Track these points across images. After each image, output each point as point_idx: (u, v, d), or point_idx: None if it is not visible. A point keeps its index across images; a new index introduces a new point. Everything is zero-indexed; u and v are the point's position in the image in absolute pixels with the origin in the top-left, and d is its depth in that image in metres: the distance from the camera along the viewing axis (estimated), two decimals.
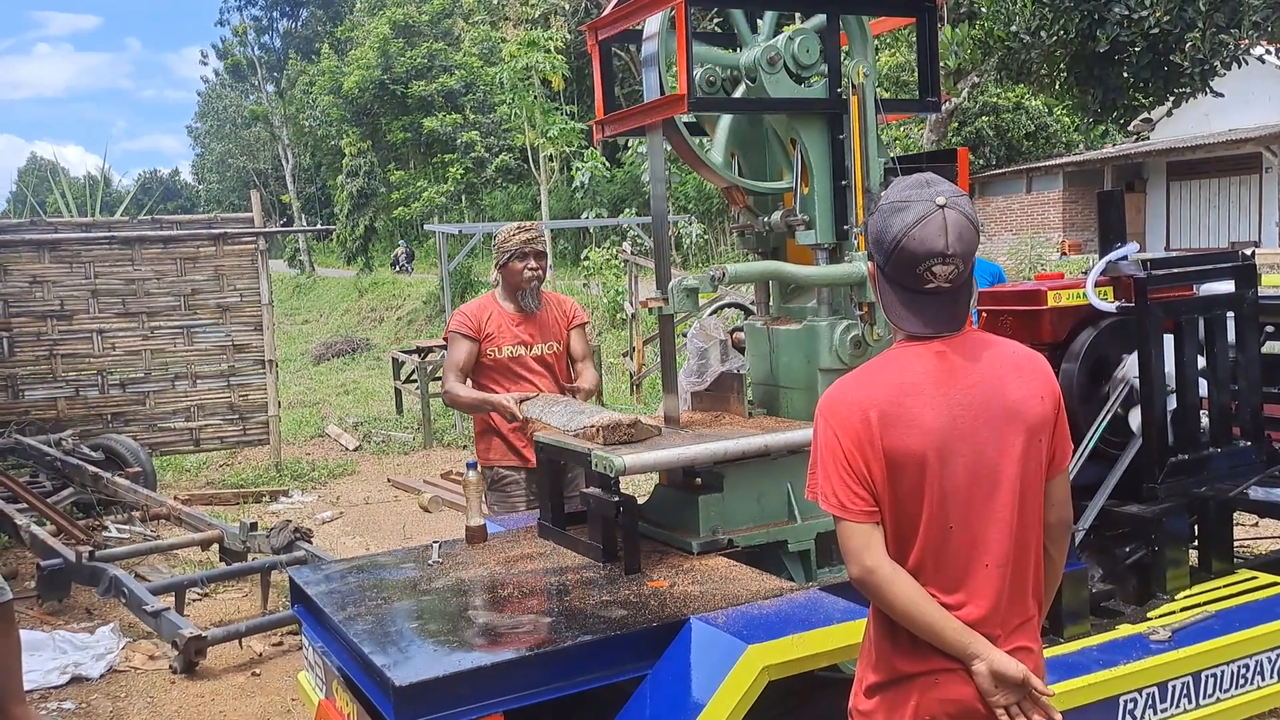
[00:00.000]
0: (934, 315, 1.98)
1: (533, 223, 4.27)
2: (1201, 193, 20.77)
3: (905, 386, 1.96)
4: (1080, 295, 3.59)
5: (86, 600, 5.88)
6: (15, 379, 8.98)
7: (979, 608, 1.97)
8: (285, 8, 45.57)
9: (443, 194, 28.05)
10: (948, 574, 1.97)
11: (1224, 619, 3.24)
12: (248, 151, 49.05)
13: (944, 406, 1.95)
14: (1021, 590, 2.02)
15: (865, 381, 2.01)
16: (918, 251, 1.93)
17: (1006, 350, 2.04)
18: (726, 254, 19.96)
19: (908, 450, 1.94)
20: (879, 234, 1.99)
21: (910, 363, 1.99)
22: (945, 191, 1.97)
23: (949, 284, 1.96)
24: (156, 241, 9.37)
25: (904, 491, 1.96)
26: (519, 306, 4.20)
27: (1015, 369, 2.01)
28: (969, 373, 1.97)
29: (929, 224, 1.92)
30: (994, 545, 1.97)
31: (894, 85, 19.25)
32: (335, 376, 18.80)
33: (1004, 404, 1.97)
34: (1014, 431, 1.97)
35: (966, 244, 1.95)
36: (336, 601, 2.86)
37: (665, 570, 2.92)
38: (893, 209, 1.97)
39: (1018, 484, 1.97)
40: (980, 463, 1.95)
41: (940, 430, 1.94)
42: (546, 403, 3.65)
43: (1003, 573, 1.97)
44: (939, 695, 1.98)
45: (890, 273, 1.99)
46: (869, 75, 3.22)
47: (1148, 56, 11.67)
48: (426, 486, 8.84)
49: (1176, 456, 3.51)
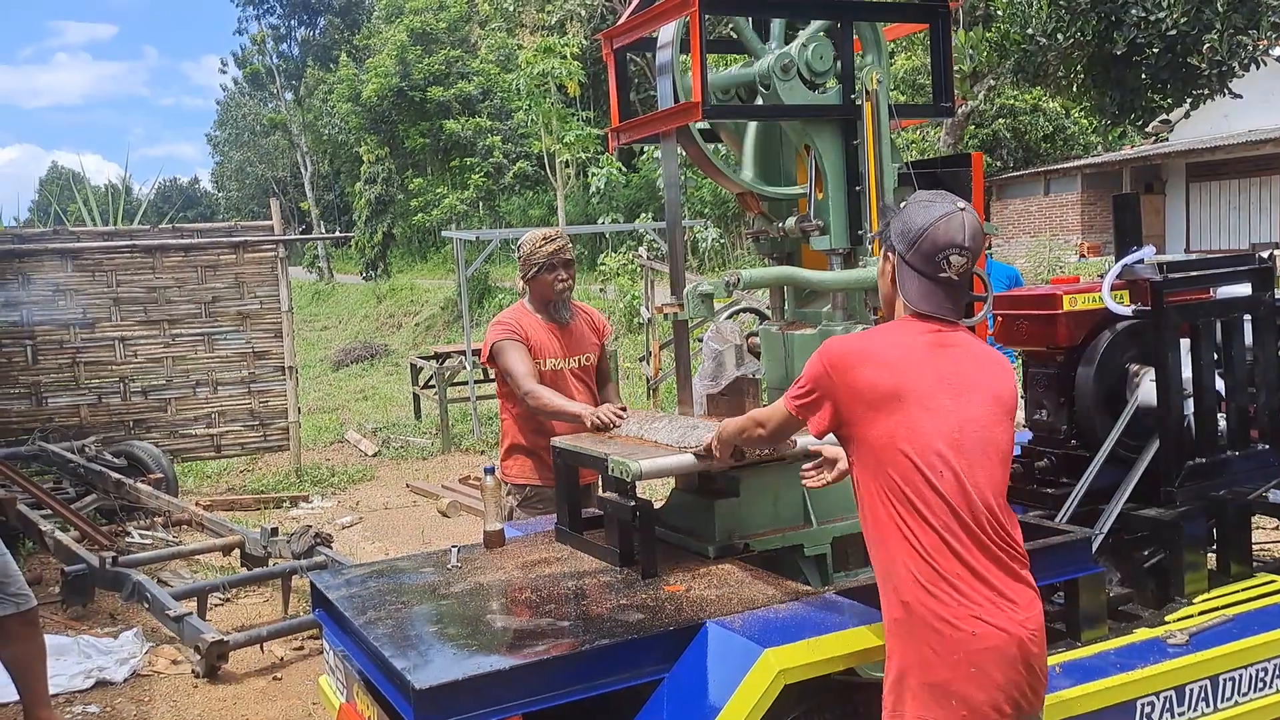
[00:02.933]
0: (942, 301, 2.32)
1: (557, 230, 4.08)
2: (1221, 194, 20.62)
3: (898, 344, 2.30)
4: (1096, 299, 3.59)
5: (110, 605, 5.93)
6: (39, 386, 9.08)
7: (964, 558, 2.19)
8: (303, 16, 45.79)
9: (463, 200, 28.13)
10: (938, 522, 2.20)
11: (1242, 623, 3.23)
12: (266, 159, 49.34)
13: (931, 368, 2.26)
14: (1007, 541, 2.25)
15: (862, 335, 2.41)
16: (940, 240, 2.27)
17: (984, 347, 2.40)
18: (742, 259, 19.95)
19: (879, 385, 2.24)
20: (905, 227, 2.32)
21: (906, 331, 2.33)
22: (961, 200, 2.33)
23: (959, 276, 2.29)
24: (177, 249, 9.46)
25: (881, 431, 2.23)
26: (551, 317, 4.07)
27: (993, 360, 2.36)
28: (956, 351, 2.31)
29: (952, 220, 2.28)
30: (991, 501, 2.23)
31: (910, 88, 19.20)
32: (354, 382, 18.89)
33: (985, 381, 2.30)
34: (998, 408, 2.29)
35: (976, 243, 2.31)
36: (357, 606, 2.89)
37: (682, 574, 2.94)
38: (920, 207, 2.33)
39: (1004, 452, 2.29)
40: (973, 427, 2.24)
41: (924, 382, 2.24)
42: (642, 420, 3.41)
43: (984, 524, 2.22)
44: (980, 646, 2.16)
45: (912, 259, 2.31)
46: (883, 81, 3.24)
47: (1165, 58, 11.60)
48: (445, 491, 8.88)
49: (1194, 460, 3.50)
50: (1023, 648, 2.17)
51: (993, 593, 2.18)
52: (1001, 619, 2.17)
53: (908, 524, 2.21)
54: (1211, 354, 3.53)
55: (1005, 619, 2.17)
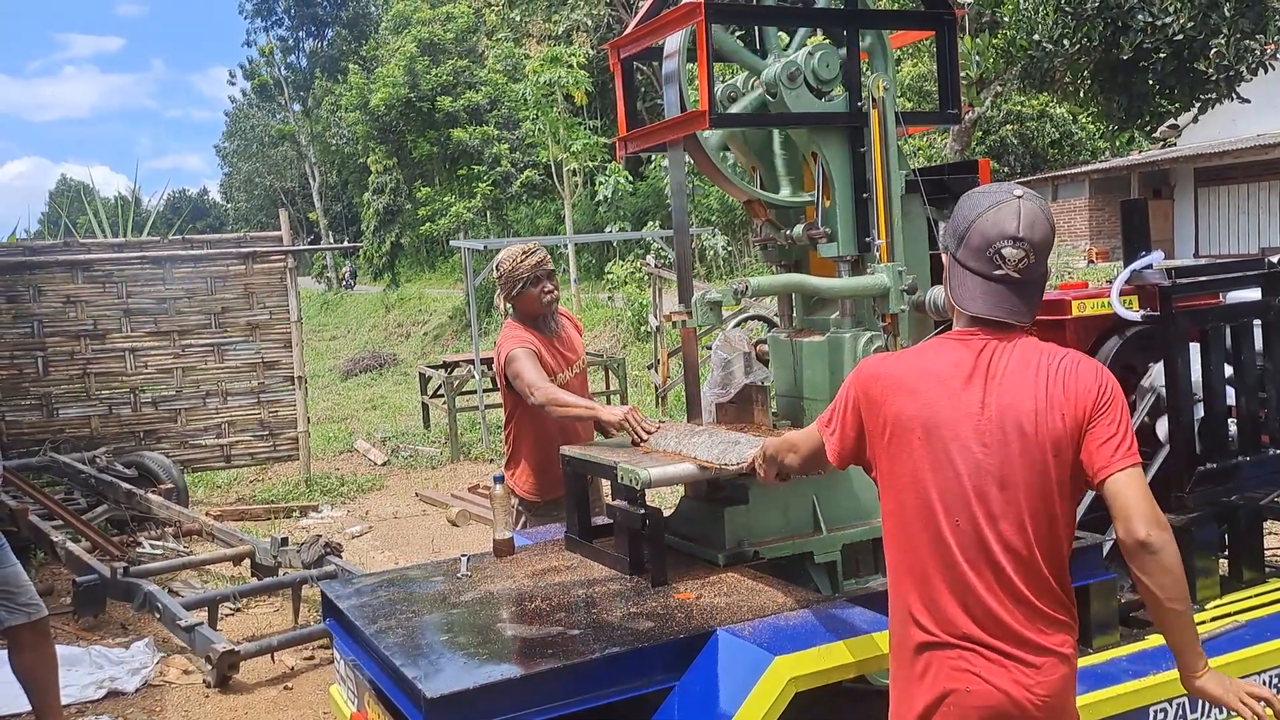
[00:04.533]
0: (999, 301, 2.04)
1: (534, 244, 4.04)
2: (1230, 198, 20.55)
3: (927, 372, 2.07)
4: (1105, 304, 3.59)
5: (121, 615, 5.95)
6: (50, 398, 9.11)
7: (972, 611, 2.01)
8: (311, 28, 46.01)
9: (470, 209, 28.21)
10: (947, 572, 2.03)
11: (1255, 628, 3.22)
12: (275, 170, 49.58)
13: (963, 399, 2.02)
14: (1027, 600, 2.02)
15: (895, 358, 2.19)
16: (989, 232, 2.02)
17: (1048, 360, 2.04)
18: (750, 266, 19.95)
19: (900, 417, 2.06)
20: (955, 222, 2.10)
21: (943, 353, 2.09)
22: (1022, 189, 2.08)
23: (1018, 273, 2.02)
24: (187, 260, 9.50)
25: (907, 468, 2.05)
26: (543, 332, 4.06)
27: (1045, 382, 2.01)
28: (996, 377, 2.02)
29: (1003, 209, 2.03)
30: (1006, 550, 2.00)
31: (916, 95, 19.22)
32: (363, 392, 18.93)
33: (1018, 414, 2.00)
34: (1027, 442, 1.99)
35: (1039, 234, 2.02)
36: (367, 615, 2.90)
37: (692, 582, 2.94)
38: (972, 201, 2.09)
39: (1034, 495, 2.00)
40: (989, 467, 2.00)
41: (943, 417, 2.03)
42: (680, 434, 3.27)
43: (1000, 578, 2.01)
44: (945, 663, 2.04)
45: (963, 257, 2.07)
46: (889, 89, 3.24)
47: (1172, 63, 11.59)
48: (454, 500, 8.89)
49: (1205, 465, 3.49)
50: (1023, 713, 1.99)
51: (997, 653, 2.00)
52: (1003, 679, 1.99)
53: (914, 563, 2.08)
54: (1221, 359, 3.52)
55: (1007, 679, 1.99)
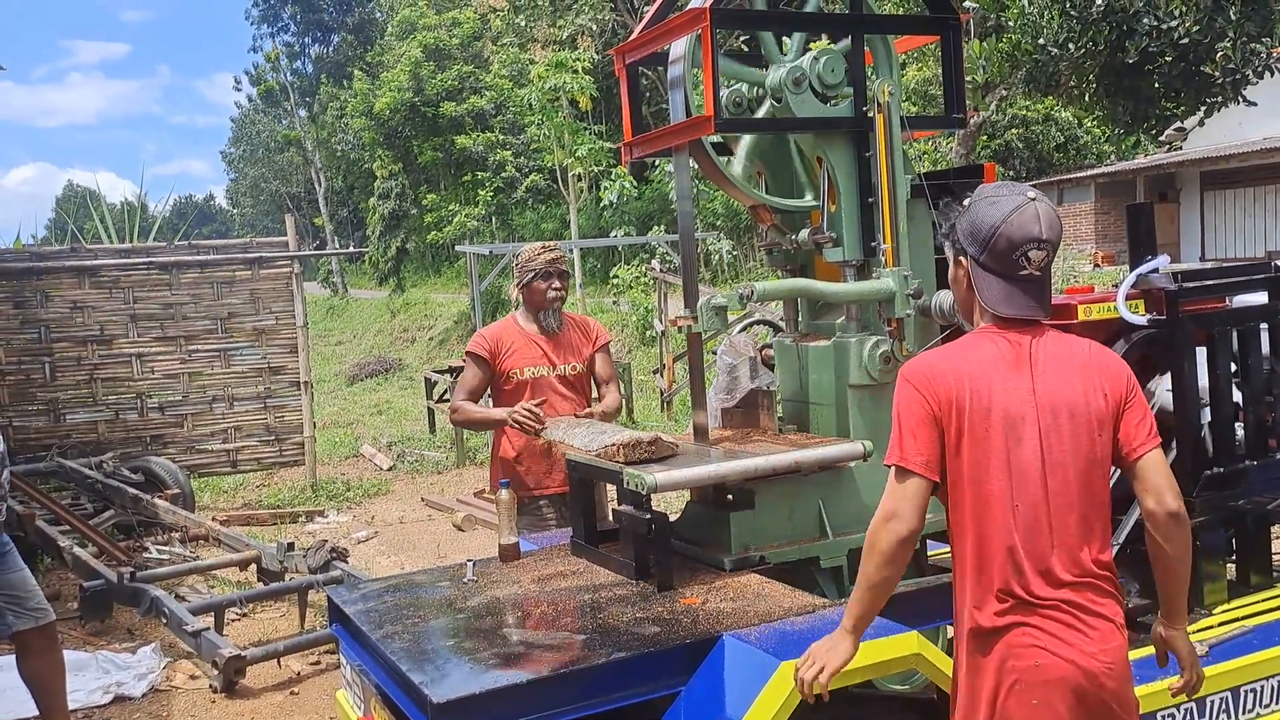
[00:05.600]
0: (1026, 300, 2.15)
1: (556, 243, 4.28)
2: (1237, 202, 20.50)
3: (986, 362, 2.14)
4: (1111, 309, 3.58)
5: (128, 620, 5.96)
6: (57, 403, 9.15)
7: (1033, 589, 2.10)
8: (317, 33, 46.09)
9: (474, 217, 28.25)
10: (1014, 554, 2.10)
11: (1263, 633, 3.21)
12: (281, 175, 49.64)
13: (1017, 387, 2.12)
14: (1083, 574, 2.14)
15: (948, 354, 2.21)
16: (1016, 237, 2.11)
17: (1077, 348, 2.20)
18: (755, 271, 19.95)
19: (984, 408, 2.10)
20: (974, 226, 2.17)
21: (988, 345, 2.17)
22: (1031, 189, 2.17)
23: (1040, 271, 2.14)
24: (193, 266, 9.53)
25: (971, 454, 2.11)
26: (541, 327, 4.22)
27: (1081, 366, 2.16)
28: (1037, 364, 2.14)
29: (1025, 212, 2.12)
30: (1059, 530, 2.11)
31: (922, 99, 19.20)
32: (369, 397, 18.96)
33: (1066, 398, 2.13)
34: (1076, 425, 2.12)
35: (1056, 232, 2.15)
36: (374, 620, 2.90)
37: (698, 587, 2.94)
38: (988, 204, 2.17)
39: (1082, 475, 2.12)
40: (1049, 451, 2.10)
41: (1013, 406, 2.11)
42: (568, 425, 3.65)
43: (1067, 554, 2.11)
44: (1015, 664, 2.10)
45: (986, 261, 2.16)
46: (894, 94, 3.24)
47: (1178, 67, 11.57)
48: (460, 505, 8.89)
49: (1212, 469, 3.48)
50: (1093, 681, 2.09)
51: (1061, 624, 2.10)
52: (1070, 652, 2.09)
53: (982, 551, 2.14)
54: (1228, 363, 3.51)
55: (1074, 652, 2.09)
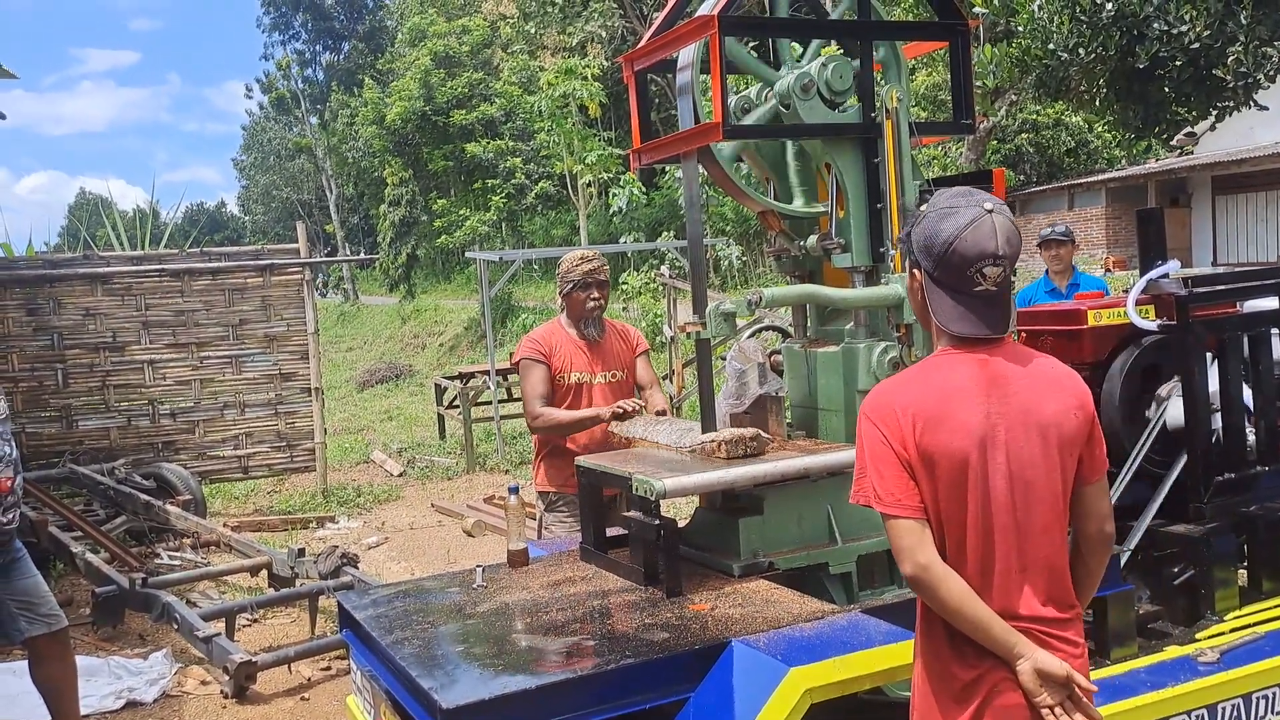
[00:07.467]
0: (982, 317, 2.02)
1: (595, 252, 4.29)
2: (1248, 206, 20.42)
3: (948, 390, 2.01)
4: (1121, 314, 3.58)
5: (140, 626, 5.98)
6: (69, 409, 9.20)
7: (1011, 612, 2.00)
8: (328, 41, 46.31)
9: (484, 222, 28.33)
10: (989, 581, 2.01)
11: (1275, 640, 3.19)
12: (292, 183, 49.84)
13: (984, 412, 1.99)
14: (1061, 591, 2.05)
15: (908, 384, 2.07)
16: (970, 253, 1.98)
17: (1044, 365, 2.09)
18: (764, 276, 19.95)
19: (949, 452, 1.98)
20: (928, 239, 2.03)
21: (953, 368, 2.04)
22: (989, 198, 2.03)
23: (996, 286, 2.01)
24: (205, 273, 9.57)
25: (945, 495, 2.00)
26: (582, 334, 4.26)
27: (1051, 383, 2.05)
28: (1008, 383, 2.02)
29: (980, 227, 1.98)
30: (1031, 553, 2.01)
31: (931, 104, 19.19)
32: (379, 403, 19.00)
33: (1039, 418, 2.01)
34: (1049, 444, 2.01)
35: (1014, 247, 2.01)
36: (384, 626, 2.91)
37: (707, 593, 2.94)
38: (941, 215, 2.02)
39: (1054, 495, 2.02)
40: (1020, 473, 1.99)
41: (981, 434, 1.98)
42: (648, 423, 3.62)
43: (1041, 578, 2.02)
44: (1000, 703, 1.99)
45: (940, 276, 2.03)
46: (903, 99, 3.25)
47: (1189, 71, 11.49)
48: (470, 511, 8.91)
49: (1223, 475, 3.47)
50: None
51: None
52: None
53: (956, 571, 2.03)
54: (1239, 368, 3.50)
55: None
